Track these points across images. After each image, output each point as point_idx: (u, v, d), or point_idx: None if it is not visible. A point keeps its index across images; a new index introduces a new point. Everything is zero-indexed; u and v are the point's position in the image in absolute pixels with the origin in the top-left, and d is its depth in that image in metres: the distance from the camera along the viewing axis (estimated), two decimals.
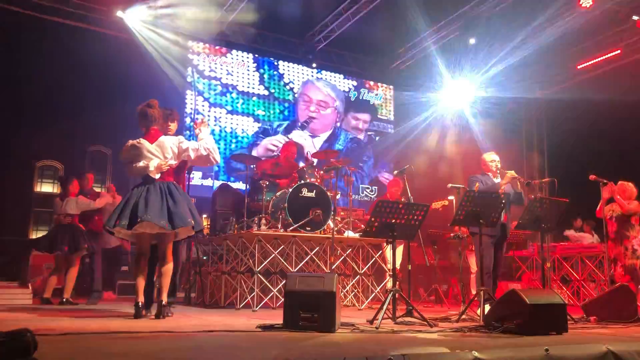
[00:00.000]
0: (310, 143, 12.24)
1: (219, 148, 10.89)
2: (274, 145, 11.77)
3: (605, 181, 6.50)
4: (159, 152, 4.61)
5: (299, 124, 12.19)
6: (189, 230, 4.64)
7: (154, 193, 4.46)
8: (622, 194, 7.12)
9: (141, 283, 4.55)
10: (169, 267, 4.64)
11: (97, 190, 9.45)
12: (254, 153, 11.43)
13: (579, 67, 12.34)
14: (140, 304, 4.45)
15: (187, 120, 10.61)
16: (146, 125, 4.71)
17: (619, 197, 7.04)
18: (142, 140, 4.63)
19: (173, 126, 5.18)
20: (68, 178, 7.10)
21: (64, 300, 6.62)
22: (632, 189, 7.13)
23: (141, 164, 4.55)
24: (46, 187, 9.98)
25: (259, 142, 11.64)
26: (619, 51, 11.54)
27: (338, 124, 12.78)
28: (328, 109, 12.67)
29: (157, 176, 4.55)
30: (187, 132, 9.99)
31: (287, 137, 11.83)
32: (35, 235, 9.64)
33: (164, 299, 4.53)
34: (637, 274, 6.93)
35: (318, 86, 12.69)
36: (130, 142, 4.65)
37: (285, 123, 12.05)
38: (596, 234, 9.20)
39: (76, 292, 7.10)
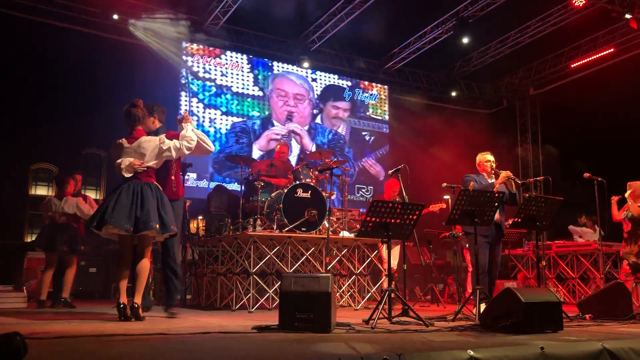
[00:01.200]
0: (306, 134, 12.24)
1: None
2: (276, 134, 11.78)
3: (599, 179, 6.52)
4: (136, 153, 4.60)
5: (286, 119, 11.95)
6: (158, 234, 4.58)
7: (125, 195, 4.45)
8: (632, 193, 7.17)
9: (123, 284, 4.54)
10: (144, 269, 4.58)
11: (91, 192, 9.48)
12: (256, 147, 11.46)
13: (572, 65, 12.39)
14: (122, 304, 4.40)
15: (183, 111, 10.57)
16: (131, 124, 4.73)
17: (631, 202, 7.07)
18: (123, 140, 4.64)
19: (157, 121, 5.20)
20: (65, 177, 7.09)
21: (63, 300, 6.62)
22: None
23: (116, 163, 4.57)
24: (41, 190, 9.95)
25: (243, 137, 11.57)
26: (612, 50, 11.59)
27: (318, 118, 12.67)
28: (305, 102, 12.53)
29: (130, 176, 4.53)
30: None
31: (287, 127, 11.91)
32: (31, 238, 9.61)
33: (138, 300, 4.46)
34: None
35: (291, 79, 12.50)
36: (115, 142, 4.68)
37: (259, 121, 11.87)
38: (599, 228, 9.22)
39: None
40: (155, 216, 4.45)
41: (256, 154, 11.44)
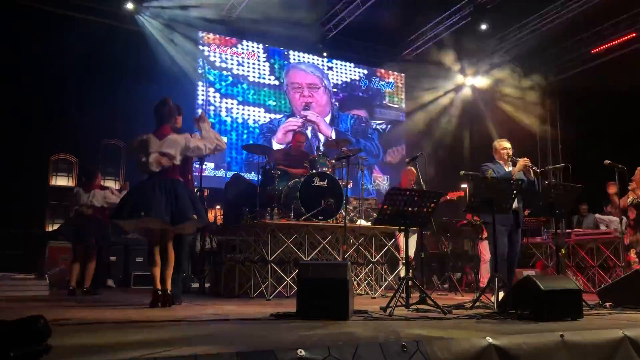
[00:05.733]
0: (322, 121, 12.25)
1: (230, 139, 11.02)
2: (292, 126, 11.78)
3: (620, 166, 6.42)
4: (164, 149, 4.68)
5: (300, 110, 11.97)
6: (193, 225, 4.84)
7: (158, 190, 4.57)
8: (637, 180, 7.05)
9: (157, 272, 4.70)
10: (171, 259, 4.78)
11: (110, 183, 9.60)
12: (274, 142, 11.50)
13: (593, 51, 12.17)
14: (159, 291, 4.61)
15: (199, 111, 10.63)
16: (159, 121, 4.85)
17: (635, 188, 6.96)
18: (151, 136, 4.72)
19: (180, 119, 5.30)
20: (92, 170, 7.22)
21: (86, 289, 6.78)
22: None
23: (143, 159, 4.65)
24: (61, 181, 10.08)
25: (270, 137, 11.65)
26: (634, 34, 11.35)
27: (336, 104, 12.66)
28: (320, 90, 12.48)
29: (157, 170, 4.64)
30: None
31: (302, 118, 11.92)
32: (52, 228, 9.76)
33: (169, 287, 4.70)
34: None
35: (302, 69, 12.47)
36: (139, 137, 4.75)
37: (284, 118, 11.98)
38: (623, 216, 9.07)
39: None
40: (191, 208, 4.64)
41: (276, 147, 11.49)
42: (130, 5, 10.30)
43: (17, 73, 9.24)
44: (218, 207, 9.06)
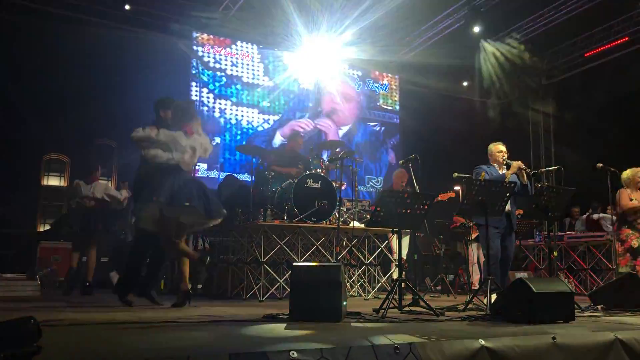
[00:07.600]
0: (334, 131, 12.38)
1: (224, 139, 11.02)
2: (301, 127, 11.85)
3: (612, 169, 6.44)
4: (190, 148, 4.75)
5: (324, 111, 12.23)
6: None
7: (191, 185, 4.70)
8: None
9: (187, 266, 4.93)
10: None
11: (103, 180, 9.57)
12: (278, 133, 11.51)
13: (586, 55, 12.24)
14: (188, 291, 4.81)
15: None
16: (184, 120, 4.89)
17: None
18: (179, 134, 4.76)
19: None
20: (94, 164, 7.27)
21: (88, 283, 6.76)
22: None
23: (168, 155, 4.67)
24: (53, 181, 10.04)
25: (278, 130, 11.75)
26: (626, 38, 11.42)
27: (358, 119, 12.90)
28: (352, 102, 12.79)
29: (188, 168, 4.80)
30: None
31: (313, 121, 12.07)
32: (43, 228, 9.72)
33: (188, 285, 4.86)
34: None
35: (345, 80, 12.84)
36: (161, 130, 4.75)
37: (307, 114, 12.20)
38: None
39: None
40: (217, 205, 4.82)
41: (277, 139, 11.54)
42: (127, 7, 10.25)
43: (9, 73, 9.18)
44: None
